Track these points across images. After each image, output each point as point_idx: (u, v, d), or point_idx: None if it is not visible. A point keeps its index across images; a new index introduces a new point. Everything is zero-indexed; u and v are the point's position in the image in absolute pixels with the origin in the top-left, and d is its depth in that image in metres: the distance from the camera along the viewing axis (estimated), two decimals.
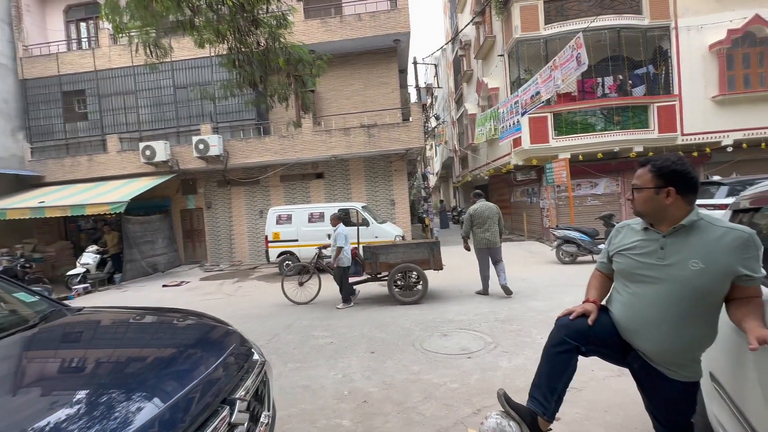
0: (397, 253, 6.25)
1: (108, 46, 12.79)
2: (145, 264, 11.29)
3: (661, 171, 1.50)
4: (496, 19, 13.03)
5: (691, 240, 1.48)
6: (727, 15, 10.94)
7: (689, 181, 1.48)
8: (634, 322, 1.58)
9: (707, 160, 11.80)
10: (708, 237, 1.45)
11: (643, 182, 1.55)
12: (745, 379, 1.50)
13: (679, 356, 1.53)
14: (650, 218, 1.58)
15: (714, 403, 1.79)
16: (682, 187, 1.48)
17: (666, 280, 1.49)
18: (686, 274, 1.45)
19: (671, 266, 1.49)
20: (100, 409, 1.20)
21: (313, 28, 11.97)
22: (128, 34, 4.77)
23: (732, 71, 11.15)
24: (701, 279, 1.42)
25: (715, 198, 7.59)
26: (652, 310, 1.53)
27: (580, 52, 7.08)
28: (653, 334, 1.53)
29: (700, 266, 1.42)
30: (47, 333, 1.89)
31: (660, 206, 1.51)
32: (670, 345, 1.51)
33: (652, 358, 1.57)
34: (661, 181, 1.50)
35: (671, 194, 1.48)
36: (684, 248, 1.48)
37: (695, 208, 1.52)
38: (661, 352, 1.54)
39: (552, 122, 11.35)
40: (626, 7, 11.16)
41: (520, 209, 14.71)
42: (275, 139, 12.09)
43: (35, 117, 13.15)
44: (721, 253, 1.41)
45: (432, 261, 6.18)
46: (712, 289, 1.44)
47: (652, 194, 1.51)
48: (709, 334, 1.51)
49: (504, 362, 3.66)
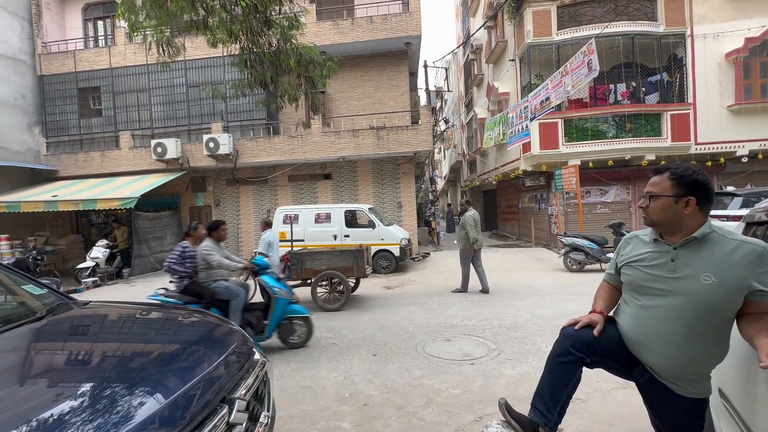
0: (321, 260, 6.26)
1: (124, 44, 13.02)
2: (154, 260, 11.42)
3: (683, 179, 1.46)
4: (509, 24, 12.98)
5: (703, 253, 1.44)
6: (745, 23, 10.75)
7: (709, 192, 1.45)
8: (643, 336, 1.54)
9: (721, 170, 11.58)
10: (720, 250, 1.41)
11: (661, 190, 1.50)
12: (755, 397, 1.46)
13: (688, 372, 1.48)
14: (663, 228, 1.53)
15: (722, 421, 1.74)
16: (702, 198, 1.44)
17: (677, 293, 1.45)
18: (698, 287, 1.41)
19: (682, 279, 1.45)
20: (103, 403, 1.21)
21: (325, 30, 12.04)
22: (143, 32, 4.85)
23: (749, 80, 10.95)
24: (713, 293, 1.38)
25: (728, 209, 7.45)
26: (661, 324, 1.49)
27: (591, 58, 7.00)
28: (662, 349, 1.49)
29: (713, 280, 1.38)
30: (54, 325, 1.92)
31: (677, 216, 1.47)
32: (679, 360, 1.47)
33: (660, 373, 1.53)
34: (682, 189, 1.45)
35: (691, 204, 1.44)
36: (696, 261, 1.44)
37: (709, 220, 1.48)
38: (670, 367, 1.50)
39: (562, 128, 11.25)
40: (641, 14, 11.04)
41: (528, 215, 14.59)
42: (284, 139, 12.17)
43: (51, 112, 13.42)
44: (734, 267, 1.37)
45: (356, 268, 6.19)
46: (724, 304, 1.39)
47: (670, 203, 1.47)
48: (720, 350, 1.47)
49: (507, 370, 3.62)
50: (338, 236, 9.71)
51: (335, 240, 9.72)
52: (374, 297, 7.00)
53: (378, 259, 9.58)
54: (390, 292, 7.37)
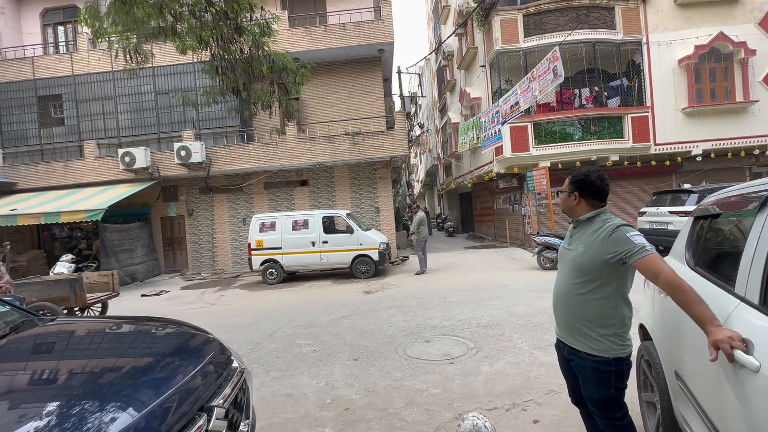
0: (32, 291, 5.80)
1: (86, 50, 12.53)
2: (123, 273, 10.95)
3: (572, 179, 1.90)
4: (478, 32, 13.37)
5: (585, 231, 1.84)
6: (695, 32, 11.53)
7: (592, 188, 1.83)
8: (554, 296, 1.96)
9: (679, 169, 12.30)
10: (593, 228, 1.80)
11: (564, 187, 1.95)
12: (708, 379, 1.58)
13: (578, 324, 1.80)
14: (567, 214, 1.98)
15: (679, 402, 1.87)
16: (584, 193, 1.85)
17: (566, 259, 1.90)
18: (574, 254, 1.83)
19: (570, 250, 1.88)
20: (71, 421, 1.18)
21: (298, 37, 12.02)
22: (108, 39, 4.70)
23: (700, 84, 11.73)
24: (581, 258, 1.78)
25: (686, 205, 7.93)
26: (558, 283, 1.93)
27: (556, 65, 7.33)
28: (556, 300, 1.92)
29: (582, 249, 1.80)
30: (17, 344, 1.84)
31: (569, 206, 1.93)
32: (565, 310, 1.87)
33: (563, 328, 1.90)
34: (573, 187, 1.89)
35: (576, 197, 1.87)
36: (580, 237, 1.86)
37: (602, 209, 1.84)
38: (564, 321, 1.88)
39: (532, 131, 11.65)
40: (601, 22, 11.64)
41: (503, 216, 14.97)
42: (259, 146, 12.01)
43: (8, 122, 12.71)
44: (596, 240, 1.75)
45: (73, 298, 5.84)
46: (588, 268, 1.75)
47: (566, 196, 1.93)
48: (603, 312, 1.74)
49: (485, 367, 3.71)
50: (316, 242, 9.65)
51: (313, 246, 9.66)
52: (354, 302, 6.99)
53: (357, 264, 9.58)
54: (370, 297, 7.39)
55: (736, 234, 1.89)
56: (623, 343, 1.75)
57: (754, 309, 1.37)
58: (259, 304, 7.54)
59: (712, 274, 1.86)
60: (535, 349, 4.06)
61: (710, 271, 1.91)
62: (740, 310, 1.43)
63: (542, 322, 4.90)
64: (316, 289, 8.71)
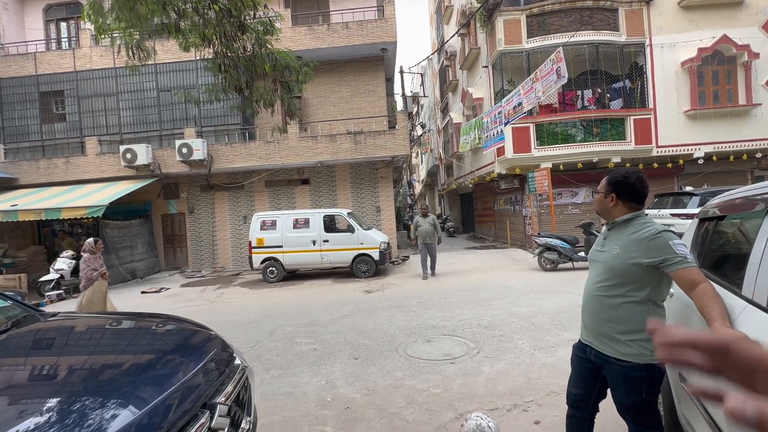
0: None
1: (89, 46, 12.51)
2: (123, 270, 10.96)
3: (609, 181, 1.83)
4: (481, 32, 13.34)
5: (621, 233, 1.78)
6: (698, 34, 11.50)
7: (630, 190, 1.77)
8: (583, 298, 1.89)
9: (681, 171, 12.28)
10: (630, 231, 1.73)
11: (600, 188, 1.88)
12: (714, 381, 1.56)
13: (606, 327, 1.73)
14: (602, 216, 1.93)
15: (683, 405, 1.85)
16: (622, 194, 1.78)
17: (598, 261, 1.84)
18: (608, 256, 1.78)
19: (604, 252, 1.83)
20: (72, 417, 1.17)
21: (301, 35, 12.01)
22: (111, 35, 4.69)
23: (702, 87, 11.69)
24: (614, 261, 1.73)
25: (687, 208, 7.91)
26: (587, 285, 1.87)
27: (560, 66, 7.32)
28: (585, 302, 1.86)
29: (617, 252, 1.74)
30: (18, 339, 1.83)
31: (605, 207, 1.86)
32: (595, 313, 1.80)
33: (591, 330, 1.82)
34: (610, 188, 1.82)
35: (613, 199, 1.81)
36: (615, 239, 1.80)
37: (640, 211, 1.78)
38: (592, 324, 1.80)
39: (534, 132, 11.63)
40: (604, 24, 11.61)
41: (504, 217, 14.95)
42: (261, 144, 12.00)
43: (10, 117, 12.71)
44: (632, 244, 1.69)
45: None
46: (621, 271, 1.69)
47: (602, 197, 1.87)
48: (632, 315, 1.67)
49: (486, 367, 3.70)
50: (317, 241, 9.65)
51: (314, 245, 9.65)
52: (354, 301, 6.98)
53: (358, 263, 9.57)
54: (370, 296, 7.38)
55: (741, 236, 1.88)
56: (646, 348, 1.68)
57: (761, 311, 1.36)
58: (260, 302, 7.54)
59: (718, 276, 1.85)
60: (536, 350, 4.05)
61: (716, 273, 1.90)
62: (748, 312, 1.42)
63: (543, 323, 4.89)
64: (316, 288, 8.70)
